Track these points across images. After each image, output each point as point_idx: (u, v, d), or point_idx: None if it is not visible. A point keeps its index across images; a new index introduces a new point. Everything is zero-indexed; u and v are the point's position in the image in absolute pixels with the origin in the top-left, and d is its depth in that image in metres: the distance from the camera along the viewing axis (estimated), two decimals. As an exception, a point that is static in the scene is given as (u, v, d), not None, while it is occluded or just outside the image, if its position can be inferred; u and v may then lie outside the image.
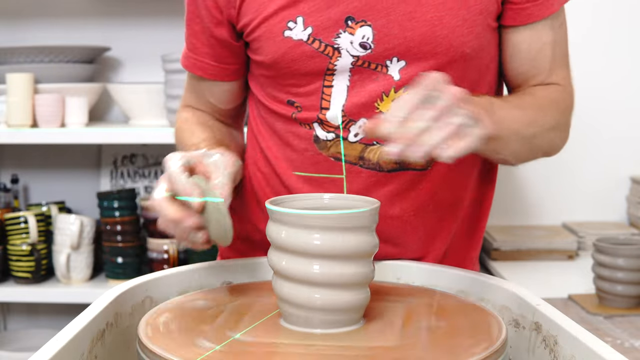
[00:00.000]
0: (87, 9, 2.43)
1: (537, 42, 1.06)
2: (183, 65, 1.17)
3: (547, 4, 1.04)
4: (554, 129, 1.09)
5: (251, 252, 1.18)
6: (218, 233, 0.88)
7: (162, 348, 0.73)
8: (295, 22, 1.02)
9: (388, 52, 1.02)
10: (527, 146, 1.05)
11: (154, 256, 2.25)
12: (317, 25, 1.02)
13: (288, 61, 1.04)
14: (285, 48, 1.03)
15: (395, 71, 1.02)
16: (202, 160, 0.95)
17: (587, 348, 0.72)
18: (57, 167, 2.50)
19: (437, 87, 0.81)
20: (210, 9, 1.08)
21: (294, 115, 1.08)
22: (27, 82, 2.13)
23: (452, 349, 0.74)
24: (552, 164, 2.28)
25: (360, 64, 1.02)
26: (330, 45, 1.02)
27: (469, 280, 0.97)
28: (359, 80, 1.03)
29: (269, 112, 1.12)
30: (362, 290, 0.79)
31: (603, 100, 2.30)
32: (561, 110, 1.09)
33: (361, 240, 0.77)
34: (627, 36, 2.29)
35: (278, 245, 0.78)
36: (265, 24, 1.04)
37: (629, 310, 1.64)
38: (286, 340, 0.76)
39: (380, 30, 1.01)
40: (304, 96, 1.06)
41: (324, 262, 0.76)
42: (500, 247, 2.11)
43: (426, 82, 0.81)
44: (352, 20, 1.01)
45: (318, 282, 0.76)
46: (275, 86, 1.09)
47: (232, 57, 1.12)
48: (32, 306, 2.51)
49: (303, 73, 1.04)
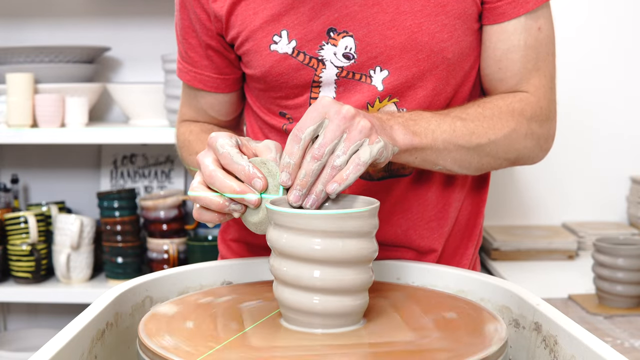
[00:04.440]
0: (87, 9, 2.43)
1: (505, 42, 1.04)
2: (183, 79, 1.17)
3: (521, 2, 1.01)
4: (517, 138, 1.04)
5: (252, 255, 1.18)
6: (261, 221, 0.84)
7: (162, 348, 0.73)
8: (280, 36, 1.03)
9: (371, 62, 1.02)
10: (474, 156, 1.02)
11: (154, 256, 2.25)
12: (301, 37, 1.02)
13: (276, 75, 1.04)
14: (272, 62, 1.04)
15: (379, 81, 1.03)
16: (248, 143, 0.89)
17: (587, 348, 0.72)
18: (57, 167, 2.51)
19: (326, 111, 0.81)
20: (203, 22, 1.08)
21: (284, 127, 1.08)
22: (27, 82, 2.13)
23: (452, 349, 0.74)
24: (552, 164, 2.28)
25: (345, 75, 1.03)
26: (314, 57, 1.03)
27: (469, 280, 0.97)
28: (344, 92, 1.04)
29: (263, 123, 1.13)
30: (362, 295, 0.79)
31: (603, 100, 2.30)
32: (526, 118, 1.04)
33: (361, 246, 0.77)
34: (627, 36, 2.29)
35: (279, 251, 0.78)
36: (253, 38, 1.04)
37: (629, 310, 1.64)
38: (286, 341, 0.76)
39: (362, 40, 1.01)
40: (294, 108, 1.07)
41: (324, 268, 0.76)
42: (500, 247, 2.11)
43: (314, 110, 0.81)
44: (334, 32, 1.02)
45: (318, 287, 0.77)
46: (267, 98, 1.10)
47: (230, 67, 1.13)
48: (32, 306, 2.51)
49: (291, 86, 1.05)
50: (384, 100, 1.03)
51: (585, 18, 2.28)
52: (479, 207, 1.17)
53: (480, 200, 1.17)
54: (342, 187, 0.81)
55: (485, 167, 1.06)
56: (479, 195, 1.16)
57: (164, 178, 2.47)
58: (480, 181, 1.16)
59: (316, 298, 0.77)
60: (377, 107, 1.03)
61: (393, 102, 1.04)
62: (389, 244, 1.09)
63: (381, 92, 1.03)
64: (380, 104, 1.03)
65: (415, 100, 1.04)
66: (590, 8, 2.28)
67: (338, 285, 0.77)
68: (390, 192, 1.08)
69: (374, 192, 1.07)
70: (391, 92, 1.03)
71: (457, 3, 1.00)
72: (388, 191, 1.08)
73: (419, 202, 1.10)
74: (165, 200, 2.27)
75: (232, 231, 1.22)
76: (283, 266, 0.78)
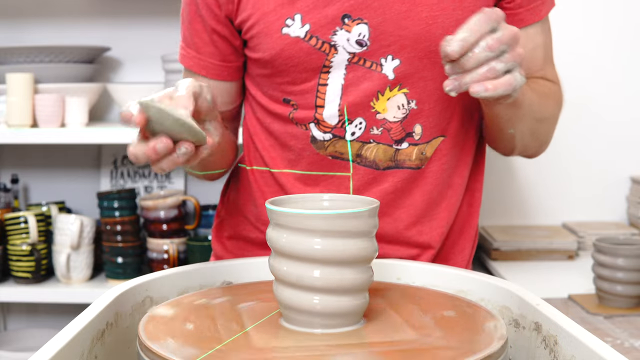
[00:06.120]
0: (87, 9, 2.43)
1: (530, 43, 1.11)
2: (185, 65, 1.16)
3: (537, 10, 1.11)
4: (550, 120, 1.15)
5: (247, 252, 1.18)
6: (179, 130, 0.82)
7: (162, 348, 0.73)
8: (293, 20, 1.03)
9: (383, 50, 1.03)
10: (534, 130, 1.11)
11: (154, 256, 2.25)
12: (315, 22, 1.03)
13: (285, 58, 1.05)
14: (283, 45, 1.04)
15: (390, 70, 1.04)
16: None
17: (587, 348, 0.72)
18: (57, 167, 2.50)
19: (499, 20, 0.87)
20: (211, 6, 1.09)
21: (290, 115, 1.09)
22: (27, 82, 2.13)
23: (454, 348, 0.74)
24: (553, 164, 2.28)
25: (356, 60, 1.04)
26: (327, 42, 1.03)
27: (469, 280, 0.97)
28: (353, 79, 1.04)
29: (266, 113, 1.12)
30: (362, 295, 0.79)
31: (603, 100, 2.30)
32: (558, 103, 1.15)
33: (361, 246, 0.77)
34: (627, 36, 2.29)
35: (279, 251, 0.79)
36: (264, 20, 1.05)
37: (629, 310, 1.64)
38: (286, 341, 0.76)
39: (376, 28, 1.03)
40: (299, 94, 1.07)
41: (324, 267, 0.76)
42: (500, 247, 2.11)
43: (491, 14, 0.87)
44: (348, 18, 1.02)
45: (318, 287, 0.77)
46: (271, 84, 1.09)
47: (234, 54, 1.13)
48: (32, 306, 2.51)
49: (300, 70, 1.05)
50: (394, 89, 1.05)
51: (585, 19, 2.28)
52: (476, 206, 1.18)
53: (476, 199, 1.18)
54: (487, 94, 0.86)
55: (527, 146, 1.15)
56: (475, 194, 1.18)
57: (164, 178, 2.47)
58: (475, 181, 1.17)
59: (316, 298, 0.77)
60: (387, 96, 1.05)
61: (403, 93, 1.05)
62: (388, 239, 1.10)
63: (392, 80, 1.04)
64: (391, 93, 1.05)
65: (425, 91, 1.06)
66: (590, 9, 2.28)
67: (338, 285, 0.77)
68: (394, 183, 1.09)
69: (379, 181, 1.08)
70: (401, 81, 1.05)
71: (475, 0, 1.04)
72: (392, 182, 1.09)
73: (421, 196, 1.10)
74: (165, 200, 2.27)
75: (227, 228, 1.22)
76: (283, 266, 0.78)
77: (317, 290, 0.77)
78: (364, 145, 1.07)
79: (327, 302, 0.77)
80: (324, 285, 0.76)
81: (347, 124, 1.06)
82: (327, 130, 1.07)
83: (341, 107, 1.05)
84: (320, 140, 1.08)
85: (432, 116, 1.08)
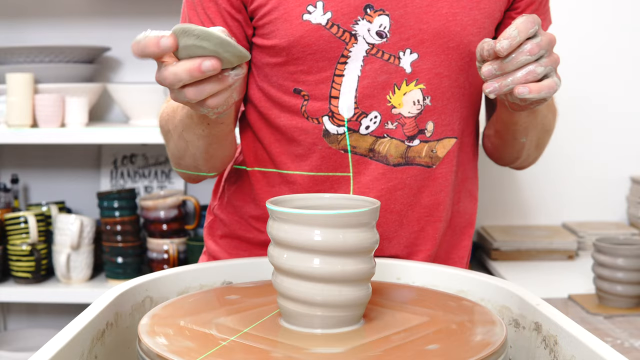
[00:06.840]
0: (87, 9, 2.43)
1: None
2: None
3: (545, 21, 1.14)
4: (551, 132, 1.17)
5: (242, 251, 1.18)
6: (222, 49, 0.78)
7: (162, 348, 0.73)
8: (315, 7, 1.03)
9: (402, 43, 1.04)
10: (540, 139, 1.14)
11: (154, 256, 2.25)
12: (337, 10, 1.03)
13: (304, 45, 1.04)
14: (303, 31, 1.03)
15: (407, 64, 1.05)
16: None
17: (587, 348, 0.72)
18: (57, 167, 2.51)
19: (538, 26, 0.90)
20: None
21: (303, 109, 1.07)
22: (27, 82, 2.13)
23: (453, 349, 0.74)
24: (553, 164, 2.28)
25: (375, 52, 1.04)
26: (347, 31, 1.03)
27: (469, 280, 0.97)
28: (370, 71, 1.04)
29: (272, 105, 1.10)
30: (363, 286, 0.79)
31: (603, 100, 2.30)
32: (555, 116, 1.17)
33: (362, 237, 0.77)
34: (627, 36, 2.29)
35: (279, 242, 0.78)
36: (283, 6, 1.03)
37: (629, 310, 1.64)
38: (286, 341, 0.76)
39: (397, 20, 1.03)
40: (313, 84, 1.06)
41: (324, 257, 0.76)
42: (500, 247, 2.11)
43: (534, 18, 0.89)
44: (371, 9, 1.03)
45: (318, 277, 0.76)
46: (282, 74, 1.07)
47: (245, 40, 1.10)
48: (32, 306, 2.51)
49: (317, 58, 1.04)
50: (410, 83, 1.05)
51: (585, 20, 2.28)
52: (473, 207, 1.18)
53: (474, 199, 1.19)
54: (531, 96, 0.89)
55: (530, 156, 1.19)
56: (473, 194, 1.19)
57: (164, 178, 2.47)
58: (473, 184, 1.18)
59: (316, 288, 0.76)
60: (404, 91, 1.05)
61: (419, 89, 1.06)
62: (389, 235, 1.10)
63: (409, 74, 1.05)
64: (407, 87, 1.05)
65: (440, 88, 1.06)
66: (590, 9, 2.28)
67: (339, 275, 0.76)
68: (403, 179, 1.09)
69: (389, 177, 1.08)
70: (418, 76, 1.05)
71: (490, 3, 1.06)
72: (401, 178, 1.09)
73: (429, 195, 1.10)
74: (165, 200, 2.27)
75: (220, 227, 1.21)
76: (283, 254, 0.78)
77: (318, 280, 0.76)
78: (377, 140, 1.06)
79: (328, 293, 0.76)
80: (324, 275, 0.76)
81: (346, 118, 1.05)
82: (341, 123, 1.06)
83: (356, 99, 1.05)
84: (334, 134, 1.07)
85: (445, 114, 1.08)
